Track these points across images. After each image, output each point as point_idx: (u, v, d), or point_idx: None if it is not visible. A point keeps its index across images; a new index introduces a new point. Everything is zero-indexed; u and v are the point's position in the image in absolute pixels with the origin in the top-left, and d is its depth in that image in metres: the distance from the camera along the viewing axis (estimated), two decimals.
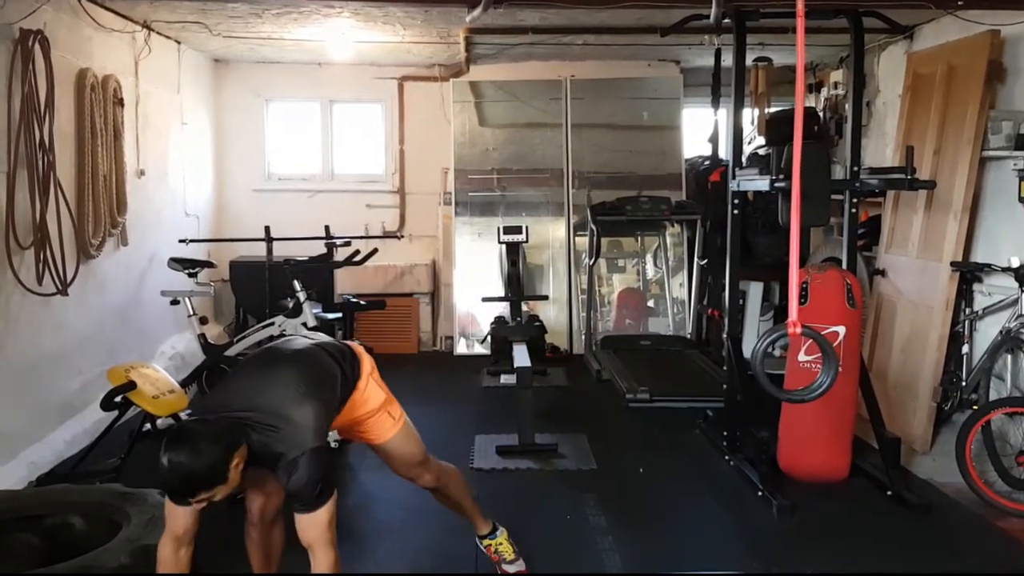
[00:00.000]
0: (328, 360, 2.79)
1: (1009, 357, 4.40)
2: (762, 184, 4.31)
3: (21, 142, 4.17)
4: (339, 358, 2.84)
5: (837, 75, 6.72)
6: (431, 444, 3.18)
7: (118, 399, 4.03)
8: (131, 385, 4.02)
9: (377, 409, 2.95)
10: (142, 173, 5.87)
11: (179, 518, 2.51)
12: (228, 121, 7.83)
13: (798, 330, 2.60)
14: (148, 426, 4.17)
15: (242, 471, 2.44)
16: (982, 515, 3.96)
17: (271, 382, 2.59)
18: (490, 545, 3.31)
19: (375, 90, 7.90)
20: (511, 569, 3.29)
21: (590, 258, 7.07)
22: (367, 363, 2.97)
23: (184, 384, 4.73)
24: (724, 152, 7.12)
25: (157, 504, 3.00)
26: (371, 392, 2.93)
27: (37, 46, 4.27)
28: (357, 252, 5.87)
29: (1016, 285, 4.31)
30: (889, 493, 4.08)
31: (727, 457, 4.59)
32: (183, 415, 4.43)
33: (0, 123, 4.11)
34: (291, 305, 4.99)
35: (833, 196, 4.56)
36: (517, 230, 6.45)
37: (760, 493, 4.05)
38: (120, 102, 5.33)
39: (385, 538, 3.65)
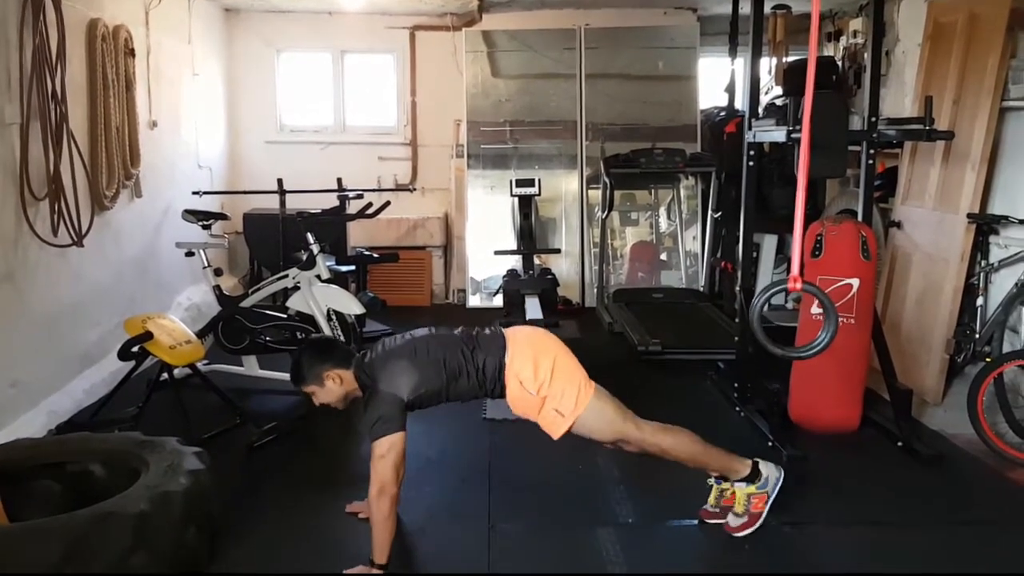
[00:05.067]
0: (451, 354, 3.06)
1: (1023, 309, 4.38)
2: (778, 135, 4.26)
3: (33, 93, 4.17)
4: (469, 361, 3.06)
5: (856, 23, 6.60)
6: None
7: (135, 349, 4.09)
8: (148, 335, 4.08)
9: (537, 410, 3.05)
10: (154, 124, 5.86)
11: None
12: (239, 72, 7.79)
13: (799, 285, 2.58)
14: (165, 376, 4.23)
15: (343, 393, 3.08)
16: (993, 466, 3.98)
17: (400, 344, 3.11)
18: (727, 489, 3.26)
19: (386, 40, 7.82)
20: (734, 523, 3.24)
21: (603, 211, 7.05)
22: (513, 368, 3.04)
23: (200, 335, 4.78)
24: (740, 102, 7.04)
25: (175, 451, 3.06)
26: (517, 396, 3.06)
27: None
28: (370, 205, 5.88)
29: None
30: (900, 444, 4.10)
31: (738, 408, 4.61)
32: (199, 365, 4.50)
33: (13, 74, 4.10)
34: (305, 257, 5.01)
35: (850, 147, 4.51)
36: (529, 183, 6.43)
37: (771, 444, 4.07)
38: (131, 52, 5.30)
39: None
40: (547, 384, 3.02)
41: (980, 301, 4.65)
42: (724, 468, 3.25)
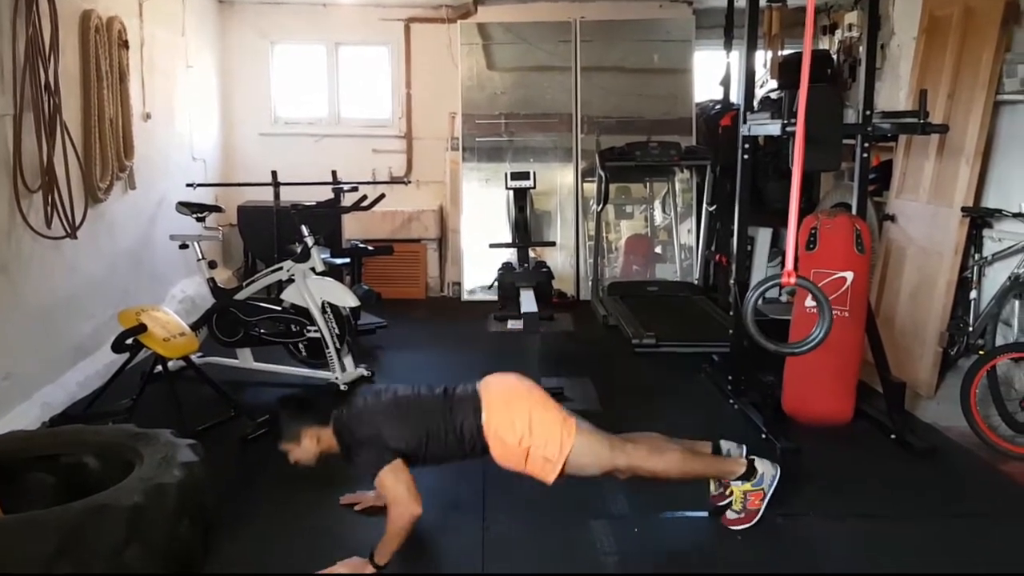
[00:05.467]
0: (429, 417, 3.05)
1: (1017, 303, 4.39)
2: (773, 128, 4.26)
3: (27, 85, 4.15)
4: (446, 425, 3.04)
5: (852, 17, 6.60)
6: None
7: (129, 341, 4.08)
8: (142, 328, 4.06)
9: (523, 461, 3.01)
10: (148, 116, 5.84)
11: None
12: (233, 64, 7.76)
13: (793, 280, 2.57)
14: (159, 368, 4.22)
15: (319, 451, 3.09)
16: (985, 459, 4.00)
17: (377, 403, 3.11)
18: (734, 491, 3.24)
19: (381, 32, 7.80)
20: (731, 517, 3.25)
21: (598, 204, 7.04)
22: (492, 427, 3.01)
23: (194, 327, 4.77)
24: (736, 96, 7.03)
25: (169, 444, 3.05)
26: (500, 453, 3.03)
27: None
28: (364, 197, 5.87)
29: None
30: (893, 437, 4.11)
31: (732, 401, 4.63)
32: (194, 358, 4.49)
33: (6, 65, 4.08)
34: (299, 250, 5.00)
35: (845, 140, 4.51)
36: (525, 176, 6.42)
37: (764, 436, 4.08)
38: (125, 44, 5.28)
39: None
40: (528, 435, 2.98)
41: (973, 294, 4.66)
42: (719, 472, 3.27)
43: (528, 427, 2.98)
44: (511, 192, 6.46)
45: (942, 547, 3.19)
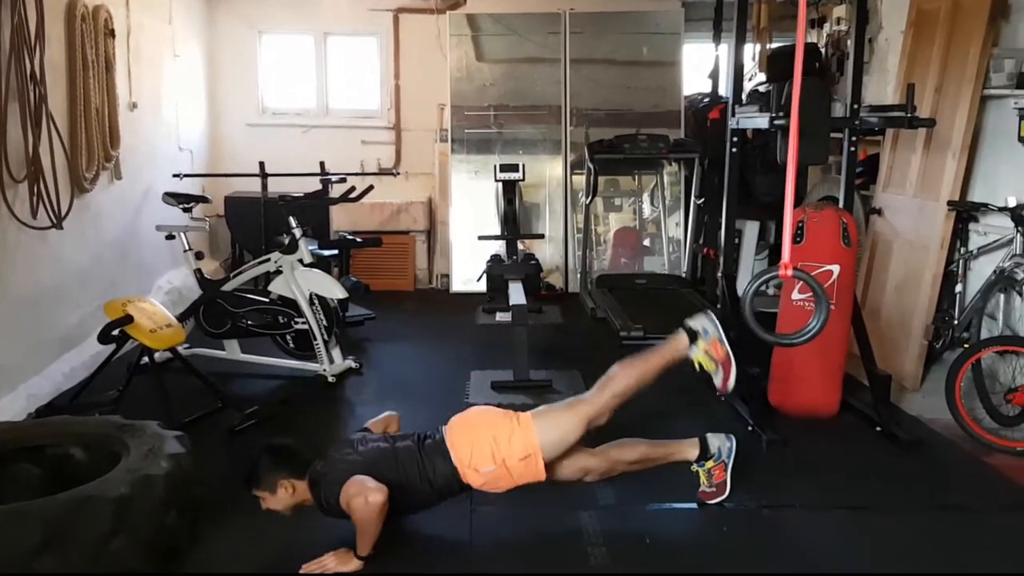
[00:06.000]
0: (408, 468, 3.03)
1: (1002, 296, 4.42)
2: (761, 122, 4.27)
3: (12, 74, 4.11)
4: (421, 473, 3.03)
5: (840, 10, 6.61)
6: (428, 380, 3.22)
7: (115, 332, 4.06)
8: (128, 319, 4.05)
9: (509, 475, 3.04)
10: (135, 106, 5.80)
11: None
12: (221, 54, 7.72)
13: (790, 272, 2.60)
14: (146, 359, 4.20)
15: (294, 503, 3.00)
16: (970, 451, 4.02)
17: (354, 456, 3.07)
18: (698, 472, 3.38)
19: (370, 23, 7.77)
20: (707, 490, 3.37)
21: (586, 197, 7.05)
22: (463, 464, 3.03)
23: (181, 318, 4.75)
24: (724, 89, 7.04)
25: (156, 435, 3.04)
26: (484, 481, 3.05)
27: None
28: (353, 189, 5.84)
29: (1012, 225, 4.31)
30: (878, 429, 4.14)
31: (718, 393, 4.63)
32: (180, 349, 4.47)
33: None
34: (287, 241, 4.98)
35: (832, 134, 4.53)
36: (513, 168, 6.41)
37: (750, 428, 4.11)
38: (111, 33, 5.24)
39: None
40: (497, 451, 3.01)
41: (959, 288, 4.69)
42: (677, 455, 3.36)
43: (494, 444, 3.01)
44: (500, 184, 6.47)
45: (927, 539, 3.21)
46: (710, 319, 3.27)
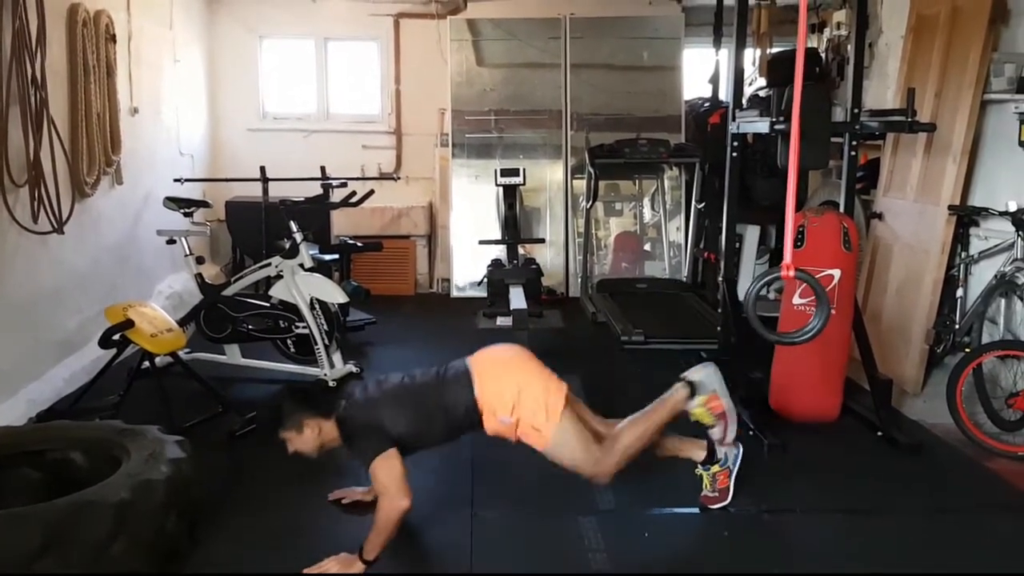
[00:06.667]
0: (424, 401, 3.09)
1: (1003, 301, 4.42)
2: (762, 126, 4.28)
3: (13, 78, 4.12)
4: (440, 406, 3.08)
5: (840, 15, 6.62)
6: None
7: (116, 337, 4.06)
8: (129, 323, 4.05)
9: (513, 433, 3.08)
10: (136, 111, 5.81)
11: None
12: (221, 58, 7.73)
13: (791, 273, 2.61)
14: (146, 364, 4.20)
15: (320, 443, 3.06)
16: (971, 455, 4.02)
17: (376, 394, 3.14)
18: (702, 476, 3.36)
19: (370, 27, 7.78)
20: (708, 495, 3.36)
21: (587, 201, 7.05)
22: (484, 401, 3.06)
23: (182, 323, 4.75)
24: (724, 93, 7.05)
25: (156, 440, 3.04)
26: (494, 428, 3.09)
27: None
28: (353, 193, 5.85)
29: (1013, 229, 4.31)
30: (879, 433, 4.13)
31: None
32: (181, 354, 4.47)
33: None
34: (288, 246, 4.98)
35: (833, 139, 4.53)
36: (514, 172, 6.42)
37: (751, 432, 4.10)
38: (112, 38, 5.25)
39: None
40: (517, 406, 3.03)
41: (960, 292, 4.69)
42: (684, 451, 3.37)
43: (517, 398, 3.04)
44: (501, 189, 6.48)
45: (928, 543, 3.21)
46: (710, 371, 3.30)
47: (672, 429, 3.35)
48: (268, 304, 4.99)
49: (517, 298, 5.19)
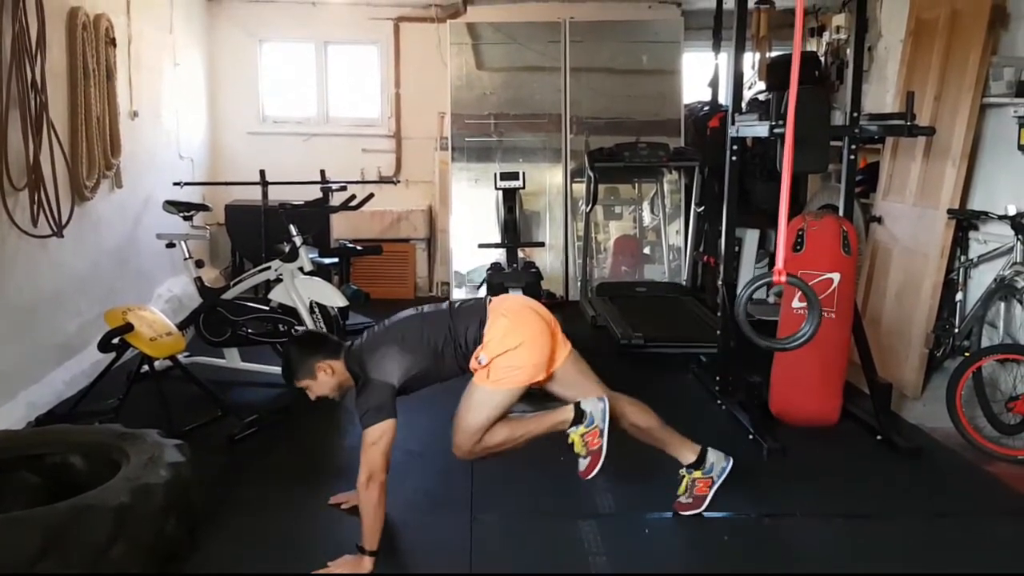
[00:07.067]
0: (437, 333, 3.10)
1: (1002, 305, 4.42)
2: (761, 130, 4.28)
3: (13, 82, 4.12)
4: (452, 338, 3.10)
5: (839, 19, 6.63)
6: (427, 388, 3.21)
7: (115, 341, 4.05)
8: (128, 327, 4.04)
9: (484, 376, 3.08)
10: (135, 115, 5.81)
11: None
12: (221, 62, 7.73)
13: (783, 278, 2.60)
14: (146, 368, 4.19)
15: (337, 383, 3.08)
16: (970, 459, 4.02)
17: (385, 330, 3.17)
18: (683, 478, 3.35)
19: (370, 31, 7.79)
20: (682, 501, 3.35)
21: (587, 205, 7.05)
22: (487, 338, 3.07)
23: (181, 327, 4.75)
24: (724, 97, 7.05)
25: (156, 444, 3.04)
26: (472, 364, 3.10)
27: None
28: (353, 197, 5.85)
29: (1012, 233, 4.31)
30: (879, 437, 4.13)
31: (719, 401, 4.64)
32: (180, 357, 4.47)
33: None
34: (287, 249, 4.98)
35: (832, 142, 4.53)
36: (514, 176, 6.41)
37: (751, 436, 4.10)
38: (112, 42, 5.25)
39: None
40: (506, 353, 3.05)
41: (959, 296, 4.69)
42: (674, 449, 3.35)
43: (514, 350, 3.05)
44: (500, 192, 6.47)
45: (928, 547, 3.21)
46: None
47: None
48: (267, 308, 4.99)
49: None
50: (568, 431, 3.17)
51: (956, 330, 4.62)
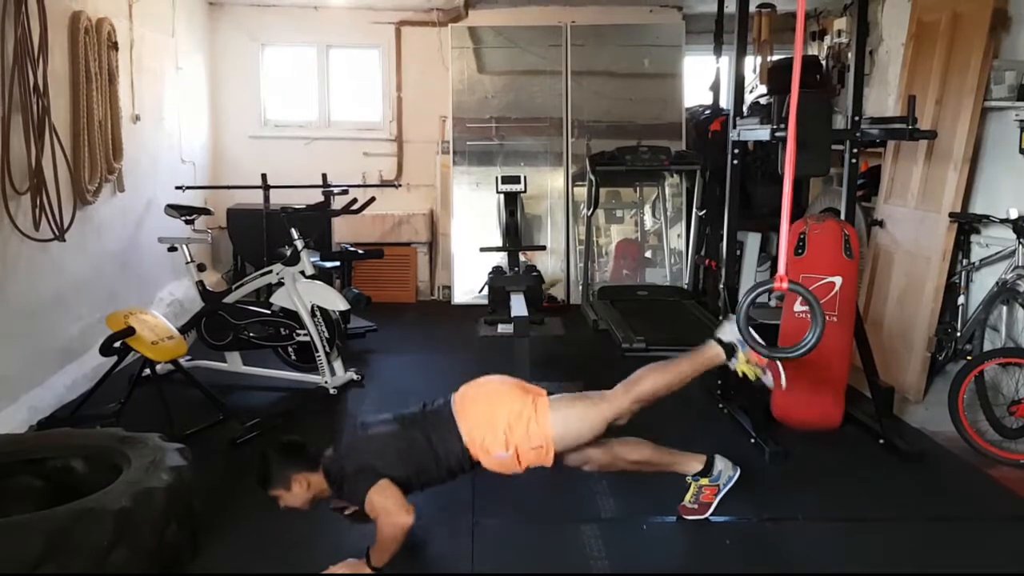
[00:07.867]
0: (415, 447, 2.98)
1: (1004, 308, 4.41)
2: (763, 134, 4.28)
3: (15, 86, 4.12)
4: (431, 452, 2.98)
5: (841, 23, 6.64)
6: (429, 392, 3.21)
7: (117, 344, 4.06)
8: (130, 331, 4.05)
9: (518, 462, 2.99)
10: (137, 118, 5.82)
11: None
12: (223, 66, 7.74)
13: (785, 285, 2.59)
14: (147, 371, 4.20)
15: (310, 496, 2.96)
16: (973, 463, 4.01)
17: (367, 440, 3.04)
18: (690, 485, 3.33)
19: (372, 35, 7.79)
20: (688, 506, 3.33)
21: (588, 208, 7.05)
22: (475, 444, 2.97)
23: (183, 331, 4.75)
24: (725, 101, 7.06)
25: (157, 448, 3.04)
26: (494, 464, 3.00)
27: None
28: (354, 200, 5.86)
29: (1014, 237, 4.31)
30: (881, 441, 4.13)
31: (721, 405, 4.63)
32: (182, 361, 4.47)
33: None
34: (289, 253, 4.99)
35: (834, 146, 4.53)
36: (515, 180, 6.42)
37: (753, 440, 4.10)
38: (114, 46, 5.26)
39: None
40: (511, 436, 2.95)
41: (961, 299, 4.68)
42: (679, 467, 3.32)
43: (509, 431, 2.95)
44: (502, 196, 6.48)
45: (930, 551, 3.20)
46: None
47: (667, 445, 3.35)
48: (269, 311, 4.99)
49: (518, 305, 5.18)
50: (732, 367, 3.13)
51: (958, 334, 4.62)
